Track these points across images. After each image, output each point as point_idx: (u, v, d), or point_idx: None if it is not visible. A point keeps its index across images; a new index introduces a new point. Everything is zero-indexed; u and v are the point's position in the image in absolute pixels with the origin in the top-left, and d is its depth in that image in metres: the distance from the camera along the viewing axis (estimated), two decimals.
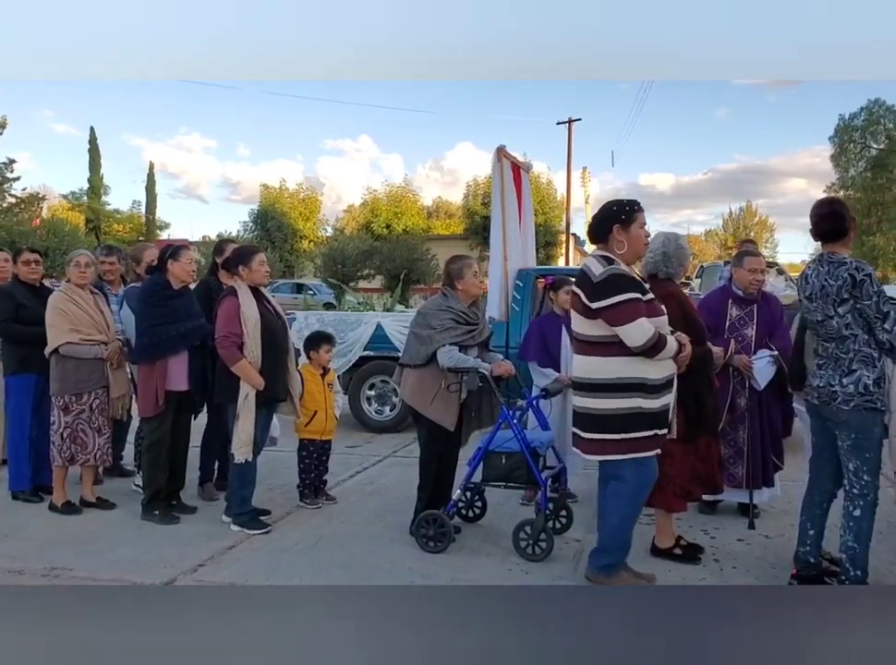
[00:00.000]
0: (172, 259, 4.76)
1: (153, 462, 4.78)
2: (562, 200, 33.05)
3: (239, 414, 4.43)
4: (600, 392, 3.48)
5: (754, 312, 4.68)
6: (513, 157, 7.57)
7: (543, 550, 4.13)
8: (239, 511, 4.61)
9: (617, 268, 3.46)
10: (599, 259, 3.53)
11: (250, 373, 4.42)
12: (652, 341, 3.36)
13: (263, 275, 4.66)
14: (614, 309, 3.39)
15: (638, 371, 3.42)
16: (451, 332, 4.21)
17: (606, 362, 3.46)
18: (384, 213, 37.02)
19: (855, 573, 3.50)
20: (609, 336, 3.44)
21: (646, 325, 3.38)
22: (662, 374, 3.48)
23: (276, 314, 4.73)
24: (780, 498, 4.98)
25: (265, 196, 36.97)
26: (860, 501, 3.49)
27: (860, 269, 3.38)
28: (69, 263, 4.96)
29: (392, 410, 7.65)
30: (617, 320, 3.39)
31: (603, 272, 3.44)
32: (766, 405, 4.67)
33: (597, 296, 3.43)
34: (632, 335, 3.37)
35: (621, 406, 3.44)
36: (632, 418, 3.44)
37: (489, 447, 4.30)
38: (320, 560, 4.16)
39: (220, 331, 4.43)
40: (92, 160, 43.75)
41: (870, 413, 3.44)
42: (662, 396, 3.49)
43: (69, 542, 4.40)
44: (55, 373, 4.82)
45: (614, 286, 3.41)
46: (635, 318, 3.37)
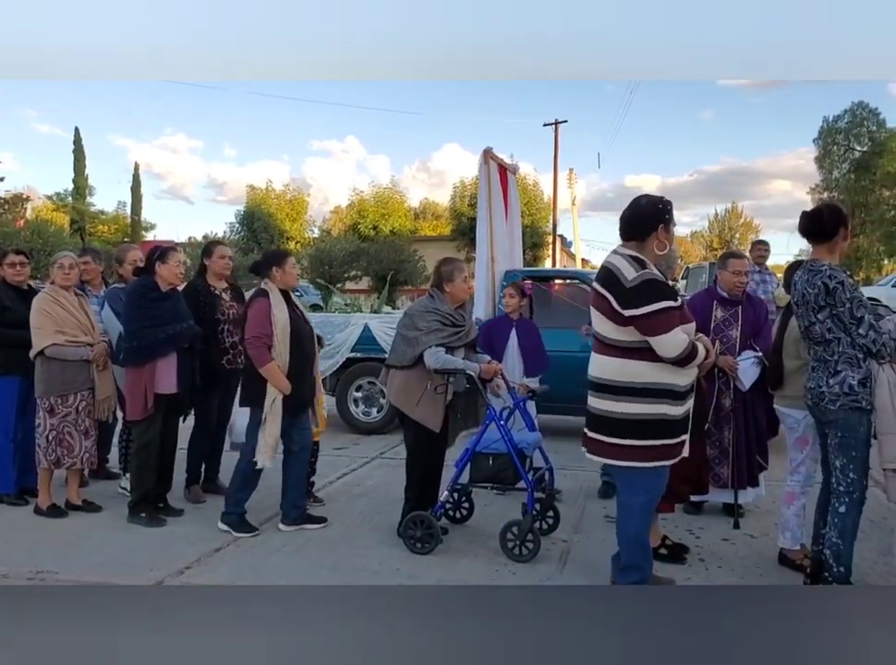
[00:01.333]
0: (160, 262, 4.74)
1: (142, 465, 4.75)
2: (548, 202, 33.07)
3: (266, 418, 4.39)
4: (628, 397, 3.33)
5: (738, 314, 4.72)
6: (499, 159, 7.60)
7: (530, 550, 4.15)
8: (231, 511, 4.59)
9: (651, 273, 3.28)
10: (629, 260, 3.31)
11: (278, 376, 4.39)
12: (686, 351, 3.24)
13: (295, 278, 4.66)
14: (651, 319, 3.21)
15: (668, 377, 3.29)
16: (438, 334, 4.22)
17: (636, 366, 3.31)
18: (371, 215, 36.92)
19: (839, 569, 3.53)
20: (637, 342, 3.29)
21: (681, 336, 3.24)
22: (689, 380, 3.38)
23: (304, 319, 4.71)
24: (764, 498, 5.02)
25: (251, 197, 36.79)
26: (846, 499, 3.53)
27: (833, 276, 3.42)
28: (53, 265, 4.94)
29: (379, 412, 7.66)
30: (653, 329, 3.22)
31: (637, 277, 3.24)
32: (750, 406, 4.71)
33: (631, 304, 3.23)
34: (667, 346, 3.22)
35: (648, 412, 3.31)
36: (657, 425, 3.32)
37: (476, 448, 4.32)
38: (307, 562, 4.16)
39: (251, 331, 4.38)
40: (77, 160, 43.46)
41: (856, 412, 3.47)
42: (686, 403, 3.40)
43: (55, 545, 4.38)
44: (41, 375, 4.80)
45: (650, 293, 3.22)
46: (671, 328, 3.22)
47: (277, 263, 4.56)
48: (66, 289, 4.92)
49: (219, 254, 5.29)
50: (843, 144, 34.03)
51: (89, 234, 40.78)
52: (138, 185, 44.83)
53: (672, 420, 3.35)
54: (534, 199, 33.02)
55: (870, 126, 33.57)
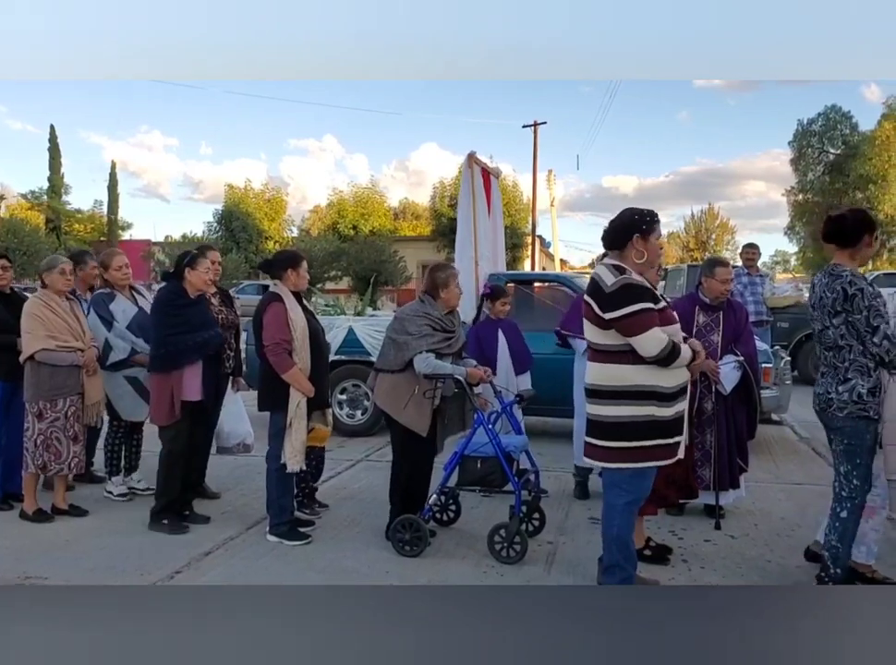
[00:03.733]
0: (189, 267, 4.70)
1: (169, 471, 4.70)
2: (528, 203, 33.21)
3: (291, 422, 4.37)
4: (614, 400, 3.44)
5: (720, 319, 4.81)
6: (483, 163, 7.66)
7: (518, 552, 4.21)
8: (278, 521, 4.53)
9: (629, 277, 3.41)
10: (610, 268, 3.47)
11: (302, 380, 4.37)
12: (666, 350, 3.33)
13: (307, 281, 4.65)
14: (627, 320, 3.35)
15: (651, 379, 3.38)
16: (428, 339, 4.25)
17: (619, 369, 3.42)
18: (351, 214, 36.86)
19: (836, 570, 3.61)
20: (622, 345, 3.41)
21: (659, 335, 3.34)
22: (676, 382, 3.44)
23: (316, 319, 4.70)
24: (743, 499, 5.12)
25: (230, 196, 36.51)
26: (847, 504, 3.58)
27: (853, 283, 3.45)
28: (52, 270, 4.89)
29: (363, 414, 7.68)
30: (630, 330, 3.36)
31: (615, 282, 3.39)
32: (731, 410, 4.80)
33: (609, 307, 3.39)
34: (645, 346, 3.33)
35: (634, 414, 3.40)
36: (645, 426, 3.40)
37: (464, 452, 4.37)
38: (296, 564, 4.19)
39: (271, 338, 4.33)
40: (53, 158, 42.85)
41: (863, 421, 3.51)
42: (676, 404, 3.46)
43: (42, 550, 4.37)
44: (30, 379, 4.78)
45: (627, 296, 3.36)
46: (649, 328, 3.34)
47: (293, 266, 4.52)
48: (59, 294, 4.90)
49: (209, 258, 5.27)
50: (818, 147, 34.44)
51: (65, 232, 40.27)
52: (115, 183, 44.25)
53: (661, 421, 3.41)
54: (513, 200, 33.13)
55: (843, 130, 34.00)
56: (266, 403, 4.52)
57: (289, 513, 4.59)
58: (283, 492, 4.52)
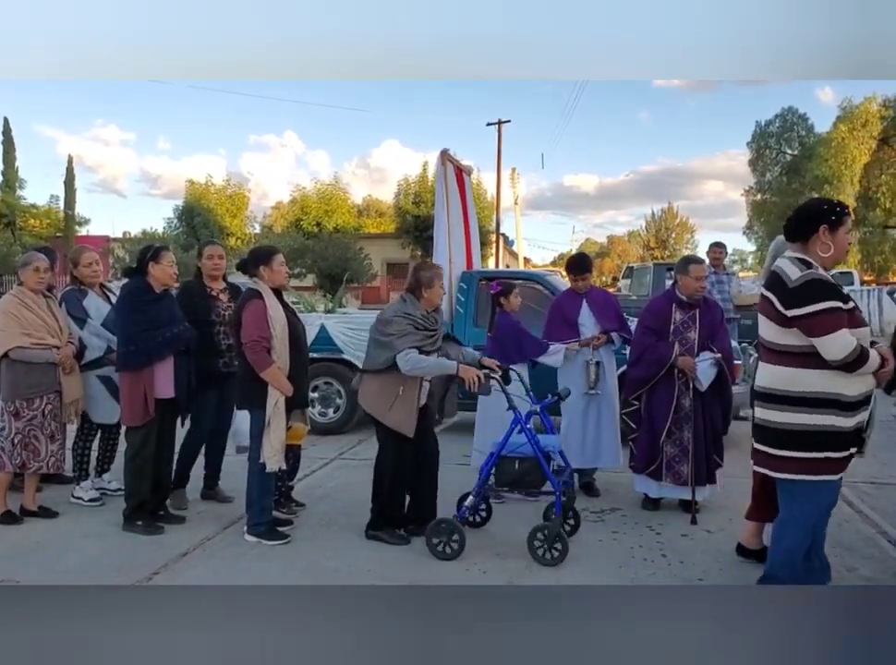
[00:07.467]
0: (152, 262, 4.61)
1: (138, 472, 4.61)
2: (492, 201, 33.30)
3: (270, 421, 4.30)
4: (790, 406, 3.23)
5: (696, 316, 4.88)
6: (456, 161, 7.67)
7: (560, 552, 4.11)
8: (258, 520, 4.47)
9: (816, 272, 3.20)
10: (795, 261, 3.24)
11: (281, 379, 4.31)
12: (854, 355, 3.09)
13: (285, 276, 4.54)
14: (813, 318, 3.13)
15: (835, 386, 3.16)
16: (411, 338, 4.23)
17: (799, 374, 3.22)
18: (314, 211, 36.58)
19: None
20: (804, 346, 3.20)
21: (847, 337, 3.11)
22: (861, 390, 3.20)
23: (297, 317, 4.63)
24: (718, 493, 5.20)
25: (190, 191, 35.93)
26: None
27: None
28: (26, 267, 4.78)
29: (336, 412, 7.64)
30: (816, 330, 3.13)
31: (800, 277, 3.18)
32: (708, 406, 4.87)
33: (793, 303, 3.17)
34: (831, 348, 3.11)
35: (814, 422, 3.19)
36: (824, 437, 3.19)
37: (501, 452, 4.31)
38: (276, 565, 4.15)
39: (249, 335, 4.26)
40: (6, 152, 41.71)
41: None
42: (858, 414, 3.23)
43: (13, 553, 4.27)
44: (6, 378, 4.67)
45: (814, 293, 3.14)
46: (836, 329, 3.10)
47: (264, 262, 4.45)
48: (35, 292, 4.78)
49: (207, 254, 5.18)
50: (775, 148, 35.05)
51: (20, 228, 39.30)
52: (72, 178, 43.14)
53: (841, 432, 3.21)
54: (477, 197, 33.14)
55: (800, 131, 34.64)
56: (244, 401, 4.47)
57: (269, 514, 4.53)
58: (263, 492, 4.46)
